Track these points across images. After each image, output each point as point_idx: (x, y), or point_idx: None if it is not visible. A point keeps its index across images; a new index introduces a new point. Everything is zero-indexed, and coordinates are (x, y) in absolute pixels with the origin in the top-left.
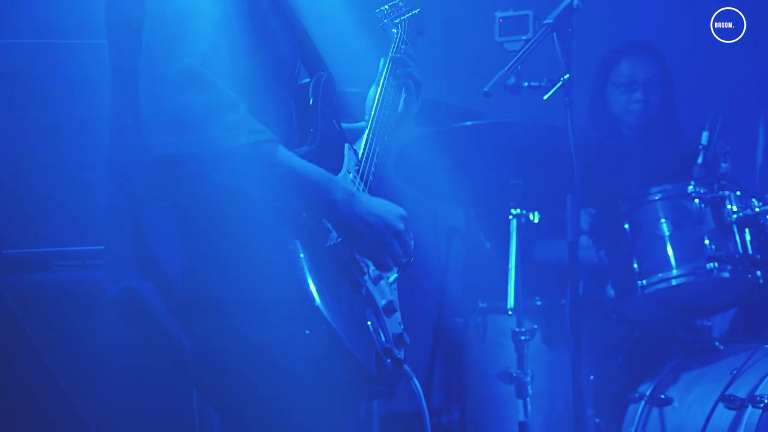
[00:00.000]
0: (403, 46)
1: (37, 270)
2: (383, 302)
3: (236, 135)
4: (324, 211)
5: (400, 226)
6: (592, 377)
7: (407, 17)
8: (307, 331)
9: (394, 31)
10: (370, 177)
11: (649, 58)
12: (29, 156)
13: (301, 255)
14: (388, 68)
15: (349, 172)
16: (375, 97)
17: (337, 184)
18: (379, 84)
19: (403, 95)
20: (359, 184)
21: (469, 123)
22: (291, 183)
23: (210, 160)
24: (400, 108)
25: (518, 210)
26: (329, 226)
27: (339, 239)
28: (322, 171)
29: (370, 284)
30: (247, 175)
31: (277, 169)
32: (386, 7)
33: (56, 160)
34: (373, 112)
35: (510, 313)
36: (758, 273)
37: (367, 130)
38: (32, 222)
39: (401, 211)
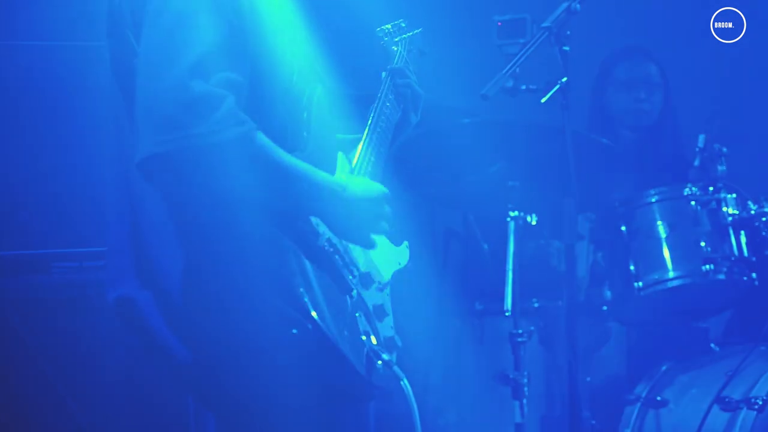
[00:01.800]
0: (402, 63)
1: (34, 272)
2: (374, 305)
3: (223, 129)
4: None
5: (385, 209)
6: (588, 379)
7: (408, 36)
8: (295, 331)
9: (395, 48)
10: None
11: (646, 59)
12: (27, 157)
13: (290, 255)
14: (388, 79)
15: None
16: (373, 108)
17: (323, 174)
18: (378, 94)
19: (402, 107)
20: None
21: (466, 120)
22: (276, 172)
23: (198, 155)
24: (397, 119)
25: (516, 212)
26: (319, 226)
27: (327, 239)
28: (308, 165)
29: (360, 287)
30: (236, 166)
31: (260, 154)
32: (388, 26)
33: (55, 161)
34: (369, 122)
35: (507, 314)
36: (754, 275)
37: (362, 141)
38: (30, 224)
39: (383, 189)
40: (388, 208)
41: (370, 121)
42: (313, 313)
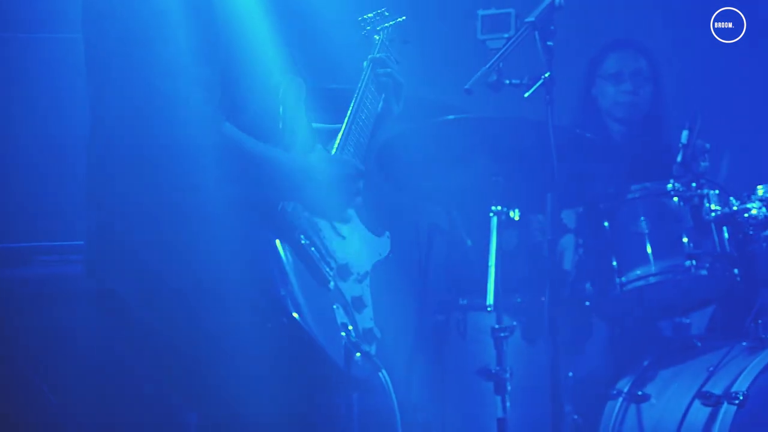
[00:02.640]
0: (384, 52)
1: (17, 265)
2: (352, 297)
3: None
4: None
5: (352, 172)
6: (570, 374)
7: (391, 25)
8: (270, 325)
9: (377, 38)
10: None
11: (636, 52)
12: (10, 150)
13: (266, 249)
14: (369, 69)
15: None
16: (353, 98)
17: (294, 159)
18: (359, 84)
19: (384, 96)
20: None
21: (451, 117)
22: (244, 156)
23: (171, 150)
24: (379, 109)
25: (499, 207)
26: (294, 219)
27: (303, 231)
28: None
29: (337, 278)
30: (208, 158)
31: (230, 144)
32: (370, 15)
33: (37, 154)
34: (349, 112)
35: (490, 310)
36: (736, 271)
37: (341, 131)
38: (12, 216)
39: (357, 164)
40: (361, 184)
41: (350, 112)
42: (289, 307)
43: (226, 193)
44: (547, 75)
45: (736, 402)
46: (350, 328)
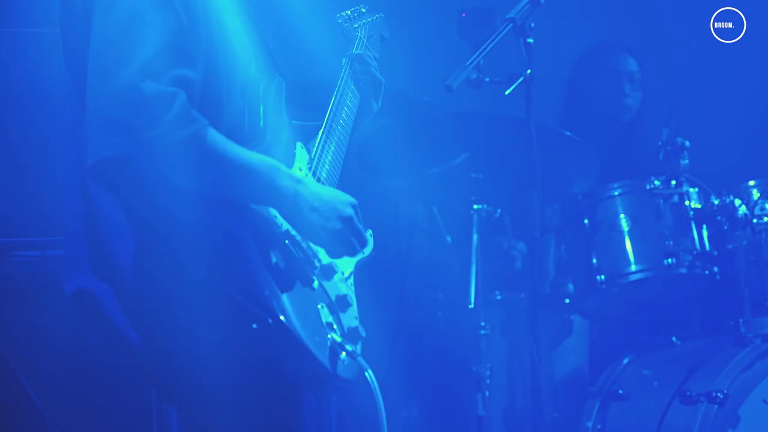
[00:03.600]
0: (362, 49)
1: None
2: (337, 296)
3: (174, 129)
4: (269, 197)
5: (349, 211)
6: (550, 372)
7: (369, 21)
8: (255, 326)
9: (355, 34)
10: (323, 174)
11: (631, 56)
12: None
13: (249, 249)
14: (348, 66)
15: (301, 170)
16: (333, 95)
17: (281, 171)
18: (338, 82)
19: (363, 93)
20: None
21: (431, 112)
22: (231, 169)
23: (150, 158)
24: (358, 106)
25: (480, 205)
26: (277, 218)
27: (286, 231)
28: (266, 158)
29: (321, 278)
30: (189, 164)
31: (212, 151)
32: (348, 11)
33: (15, 148)
34: (329, 110)
35: (470, 307)
36: (715, 269)
37: (321, 129)
38: None
39: (350, 198)
40: (345, 217)
41: (330, 109)
42: (274, 308)
43: (203, 197)
44: (528, 72)
45: (717, 401)
46: (335, 327)
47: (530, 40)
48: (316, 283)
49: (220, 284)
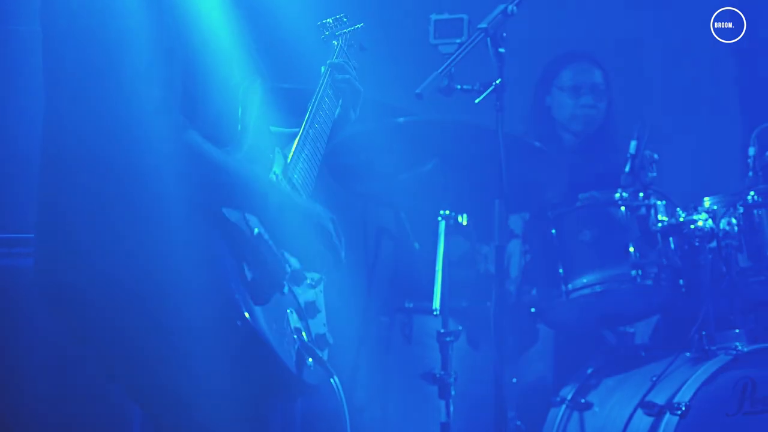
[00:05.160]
0: (342, 58)
1: None
2: (306, 302)
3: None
4: (251, 204)
5: (330, 226)
6: (514, 380)
7: (349, 31)
8: (225, 327)
9: (335, 43)
10: (298, 180)
11: (595, 66)
12: None
13: (221, 252)
14: (327, 74)
15: (276, 175)
16: (311, 102)
17: (269, 184)
18: (317, 89)
19: (341, 102)
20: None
21: (400, 119)
22: (222, 179)
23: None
24: (336, 114)
25: (447, 211)
26: (251, 222)
27: (258, 234)
28: (250, 167)
29: (291, 283)
30: (167, 163)
31: (192, 152)
32: (329, 20)
33: None
34: (307, 117)
35: (436, 314)
36: (680, 281)
37: (298, 136)
38: None
39: (330, 213)
40: (333, 233)
41: (307, 116)
42: (243, 310)
43: (183, 195)
44: (498, 81)
45: (679, 413)
46: (303, 333)
47: (502, 50)
48: (286, 288)
49: (192, 283)
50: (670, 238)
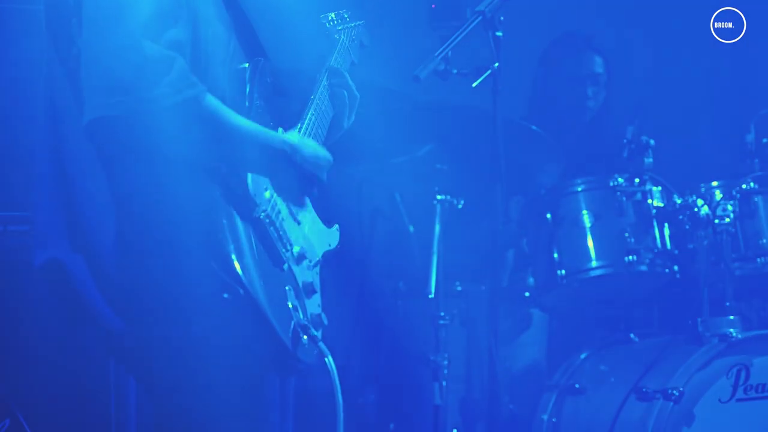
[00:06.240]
0: (343, 53)
1: None
2: (304, 282)
3: (174, 92)
4: (264, 159)
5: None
6: (508, 364)
7: (351, 27)
8: (226, 295)
9: (336, 37)
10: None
11: (595, 54)
12: None
13: (226, 223)
14: (325, 78)
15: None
16: (308, 104)
17: (275, 134)
18: (314, 92)
19: (336, 109)
20: None
21: (398, 102)
22: (227, 134)
23: (149, 119)
24: (332, 116)
25: (443, 195)
26: (257, 197)
27: (265, 211)
28: (259, 125)
29: (292, 262)
30: (185, 127)
31: (209, 116)
32: (332, 15)
33: None
34: (310, 105)
35: (430, 297)
36: (675, 267)
37: (300, 122)
38: None
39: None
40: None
41: (310, 105)
42: (245, 279)
43: (192, 163)
44: (495, 65)
45: (672, 398)
46: (299, 312)
47: (499, 34)
48: (286, 266)
49: (196, 252)
50: (666, 224)
